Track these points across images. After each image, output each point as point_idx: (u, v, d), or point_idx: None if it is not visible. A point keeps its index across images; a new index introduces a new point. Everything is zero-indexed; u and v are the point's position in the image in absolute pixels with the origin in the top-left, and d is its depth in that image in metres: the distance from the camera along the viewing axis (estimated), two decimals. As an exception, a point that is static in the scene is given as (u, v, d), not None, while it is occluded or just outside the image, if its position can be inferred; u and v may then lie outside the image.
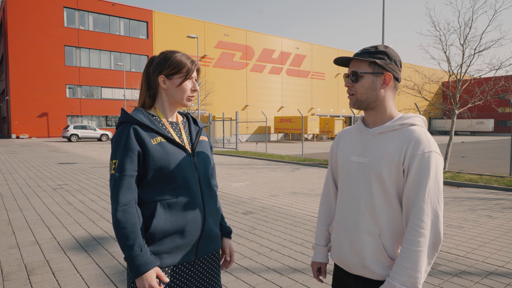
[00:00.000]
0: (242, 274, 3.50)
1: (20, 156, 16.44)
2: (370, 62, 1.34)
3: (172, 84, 1.49)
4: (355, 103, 1.40)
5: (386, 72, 1.34)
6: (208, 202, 1.53)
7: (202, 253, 1.52)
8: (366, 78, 1.35)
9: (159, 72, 1.49)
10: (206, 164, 1.57)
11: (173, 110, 1.56)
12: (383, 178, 1.30)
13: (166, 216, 1.41)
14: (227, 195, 7.62)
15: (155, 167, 1.39)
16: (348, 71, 1.40)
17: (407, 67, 14.00)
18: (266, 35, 43.41)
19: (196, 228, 1.47)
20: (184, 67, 1.48)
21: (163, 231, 1.40)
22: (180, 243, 1.43)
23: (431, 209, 1.22)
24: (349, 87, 1.40)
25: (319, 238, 1.63)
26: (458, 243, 4.49)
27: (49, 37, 32.51)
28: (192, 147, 1.54)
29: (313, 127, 35.34)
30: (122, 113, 1.44)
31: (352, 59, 1.40)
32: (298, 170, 12.09)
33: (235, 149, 21.35)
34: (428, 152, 1.25)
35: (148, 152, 1.38)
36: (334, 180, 1.61)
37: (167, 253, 1.42)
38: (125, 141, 1.38)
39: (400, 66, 1.39)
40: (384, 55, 1.34)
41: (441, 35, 11.72)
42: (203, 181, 1.53)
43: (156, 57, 1.52)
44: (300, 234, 4.83)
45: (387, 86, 1.36)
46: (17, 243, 4.39)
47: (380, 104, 1.37)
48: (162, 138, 1.43)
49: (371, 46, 1.38)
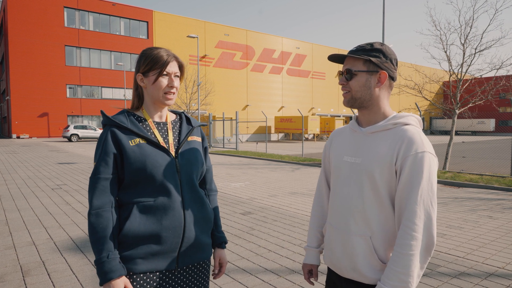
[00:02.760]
0: (239, 275, 3.47)
1: (19, 156, 16.42)
2: (365, 60, 1.31)
3: (148, 82, 1.44)
4: (349, 101, 1.36)
5: (381, 70, 1.31)
6: (192, 207, 1.45)
7: (186, 262, 1.45)
8: (360, 76, 1.32)
9: (137, 70, 1.46)
10: (191, 166, 1.48)
11: (158, 110, 1.51)
12: (375, 179, 1.27)
13: (141, 219, 1.36)
14: (226, 195, 7.59)
15: (131, 169, 1.36)
16: (343, 69, 1.37)
17: (408, 67, 13.95)
18: (267, 35, 43.38)
19: (174, 235, 1.39)
20: (158, 62, 1.41)
21: (136, 234, 1.35)
22: (156, 249, 1.37)
23: (424, 211, 1.19)
24: (343, 85, 1.36)
25: (311, 239, 1.59)
26: (458, 244, 4.45)
27: (49, 37, 32.51)
28: (176, 148, 1.48)
29: (314, 127, 35.30)
30: (102, 115, 1.45)
31: (347, 56, 1.36)
32: (298, 170, 12.06)
33: (235, 149, 21.32)
34: (421, 153, 1.21)
35: (125, 154, 1.36)
36: (327, 180, 1.58)
37: (141, 258, 1.36)
38: (102, 144, 1.37)
39: (396, 65, 1.35)
40: (379, 53, 1.31)
41: (441, 35, 11.68)
42: (186, 185, 1.45)
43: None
44: (299, 235, 4.79)
45: (382, 85, 1.32)
46: (14, 243, 4.36)
47: (374, 103, 1.34)
48: (141, 140, 1.40)
49: (367, 43, 1.34)
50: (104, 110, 14.75)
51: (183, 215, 1.41)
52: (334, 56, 1.38)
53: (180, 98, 29.07)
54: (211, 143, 23.93)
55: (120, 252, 1.35)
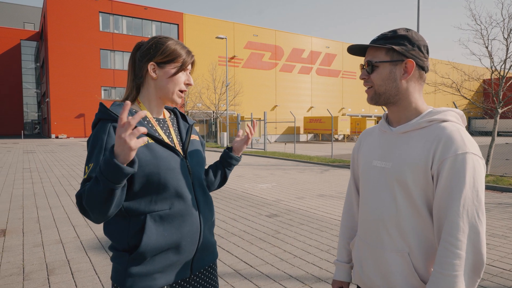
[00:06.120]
0: (262, 281, 3.32)
1: (56, 155, 17.12)
2: (388, 49, 1.14)
3: (163, 74, 1.28)
4: (372, 97, 1.19)
5: (407, 59, 1.13)
6: (204, 210, 1.34)
7: (198, 267, 1.34)
8: (382, 67, 1.15)
9: (149, 58, 1.28)
10: (200, 166, 1.38)
11: (160, 106, 1.34)
12: (407, 186, 1.09)
13: (158, 231, 1.20)
14: (252, 196, 7.46)
15: (142, 173, 1.17)
16: (364, 61, 1.20)
17: (445, 64, 13.31)
18: (296, 34, 42.99)
19: (192, 242, 1.27)
20: (180, 57, 1.28)
21: (155, 248, 1.19)
22: (174, 259, 1.24)
23: (468, 224, 1.00)
24: (365, 79, 1.19)
25: (341, 253, 1.42)
26: (502, 255, 4.07)
27: (85, 41, 33.84)
28: (183, 147, 1.34)
29: (344, 127, 34.57)
30: (100, 108, 1.22)
31: (368, 47, 1.19)
32: (327, 172, 11.75)
33: (263, 149, 21.20)
34: (463, 154, 1.02)
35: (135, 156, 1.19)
36: (356, 187, 1.41)
37: (160, 272, 1.22)
38: (103, 142, 1.14)
39: (426, 52, 1.16)
40: (404, 40, 1.13)
41: (482, 29, 11.01)
42: (198, 187, 1.33)
43: (145, 42, 1.32)
44: (327, 240, 4.58)
45: (410, 76, 1.14)
46: (42, 241, 4.44)
47: (402, 97, 1.16)
48: (149, 139, 1.22)
49: (390, 31, 1.17)
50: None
51: (199, 220, 1.30)
52: (354, 48, 1.21)
53: (209, 99, 29.37)
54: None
55: (136, 269, 1.20)
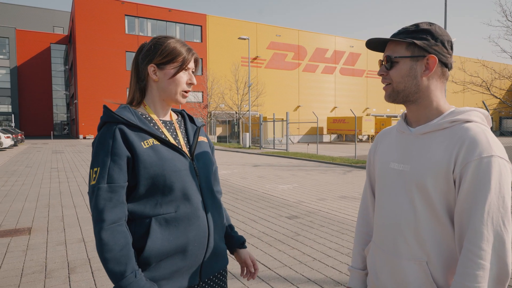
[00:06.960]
0: (279, 284, 3.26)
1: (83, 155, 17.65)
2: (408, 43, 1.06)
3: (164, 75, 1.25)
4: (390, 95, 1.12)
5: (429, 55, 1.05)
6: (213, 213, 1.30)
7: (208, 273, 1.30)
8: (402, 63, 1.07)
9: (149, 60, 1.25)
10: (208, 169, 1.34)
11: (165, 107, 1.32)
12: (427, 191, 1.02)
13: (164, 235, 1.17)
14: (272, 197, 7.40)
15: (147, 175, 1.16)
16: (383, 56, 1.13)
17: (474, 62, 12.80)
18: (319, 34, 42.59)
19: (200, 247, 1.23)
20: (179, 55, 1.25)
21: (161, 253, 1.16)
22: (181, 265, 1.20)
23: (493, 232, 0.92)
24: (383, 76, 1.12)
25: (355, 259, 1.35)
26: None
27: (112, 44, 34.80)
28: (190, 149, 1.31)
29: (368, 127, 33.91)
30: (105, 111, 1.21)
31: (388, 41, 1.12)
32: (350, 173, 11.53)
33: (285, 150, 21.09)
34: (488, 157, 0.94)
35: (139, 157, 1.15)
36: (372, 190, 1.33)
37: (166, 279, 1.18)
38: (110, 145, 1.13)
39: (450, 48, 1.08)
40: (426, 34, 1.06)
41: (514, 25, 10.51)
42: (206, 189, 1.30)
43: (146, 44, 1.30)
44: (347, 243, 4.46)
45: (431, 73, 1.06)
46: (65, 239, 4.55)
47: (422, 95, 1.08)
48: (154, 140, 1.20)
49: (412, 25, 1.10)
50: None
51: (207, 224, 1.26)
52: (373, 42, 1.14)
53: (231, 100, 29.51)
54: (262, 144, 23.88)
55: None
